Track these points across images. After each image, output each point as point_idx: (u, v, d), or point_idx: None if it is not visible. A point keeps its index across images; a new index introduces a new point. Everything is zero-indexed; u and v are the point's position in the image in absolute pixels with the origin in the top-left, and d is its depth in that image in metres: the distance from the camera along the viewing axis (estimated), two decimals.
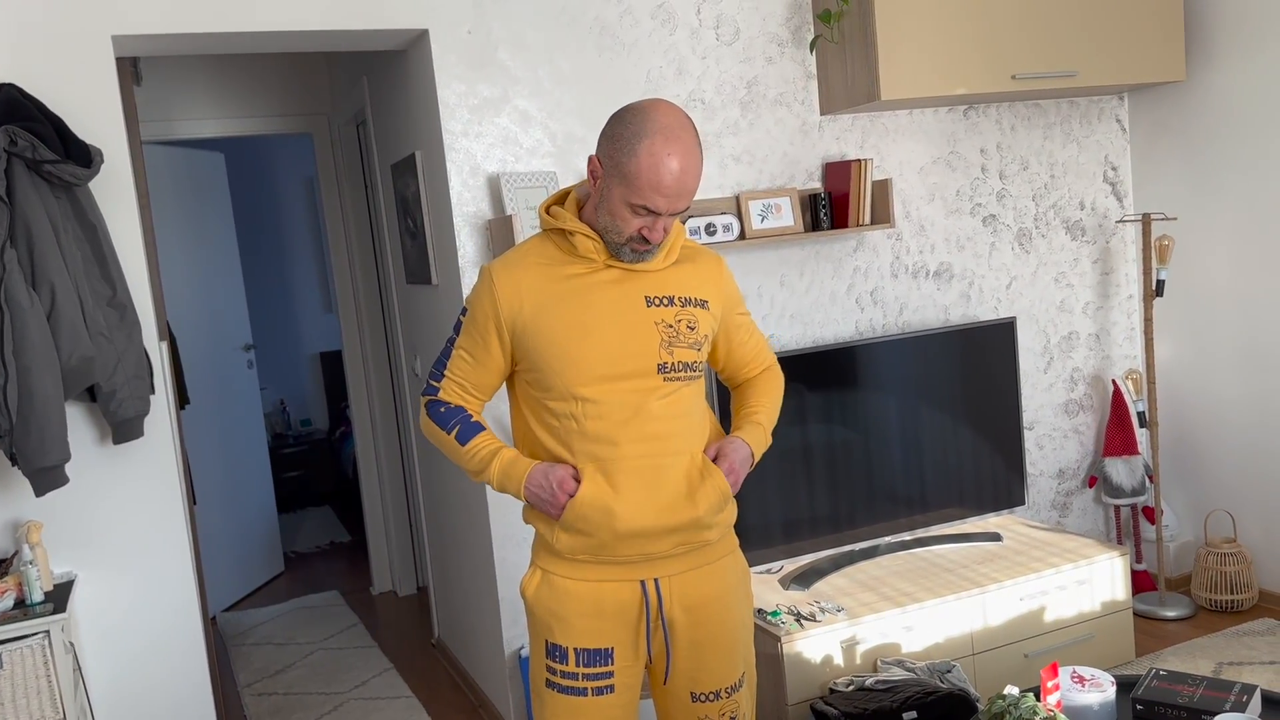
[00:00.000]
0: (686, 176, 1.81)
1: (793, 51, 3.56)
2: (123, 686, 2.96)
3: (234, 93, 4.73)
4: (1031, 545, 3.56)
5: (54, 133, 2.57)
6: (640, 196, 1.81)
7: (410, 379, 4.20)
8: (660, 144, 1.79)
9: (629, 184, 1.81)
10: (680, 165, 1.80)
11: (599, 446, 1.90)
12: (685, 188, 1.82)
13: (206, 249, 5.13)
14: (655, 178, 1.79)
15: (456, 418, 2.01)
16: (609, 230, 1.88)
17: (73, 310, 2.57)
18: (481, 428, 2.01)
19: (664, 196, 1.80)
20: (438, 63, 3.13)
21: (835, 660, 3.07)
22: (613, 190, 1.84)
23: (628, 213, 1.84)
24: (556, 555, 1.98)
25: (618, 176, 1.82)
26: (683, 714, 2.06)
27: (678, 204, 1.83)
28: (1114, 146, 4.14)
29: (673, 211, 1.84)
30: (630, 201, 1.82)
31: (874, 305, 3.75)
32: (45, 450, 2.54)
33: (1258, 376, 3.85)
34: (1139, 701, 2.24)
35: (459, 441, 1.99)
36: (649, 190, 1.80)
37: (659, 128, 1.80)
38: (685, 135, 1.81)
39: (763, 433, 2.07)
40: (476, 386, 2.01)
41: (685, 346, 1.93)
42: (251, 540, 5.38)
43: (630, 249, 1.88)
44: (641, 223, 1.85)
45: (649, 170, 1.79)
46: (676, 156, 1.79)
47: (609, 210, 1.86)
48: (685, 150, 1.80)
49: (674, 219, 1.89)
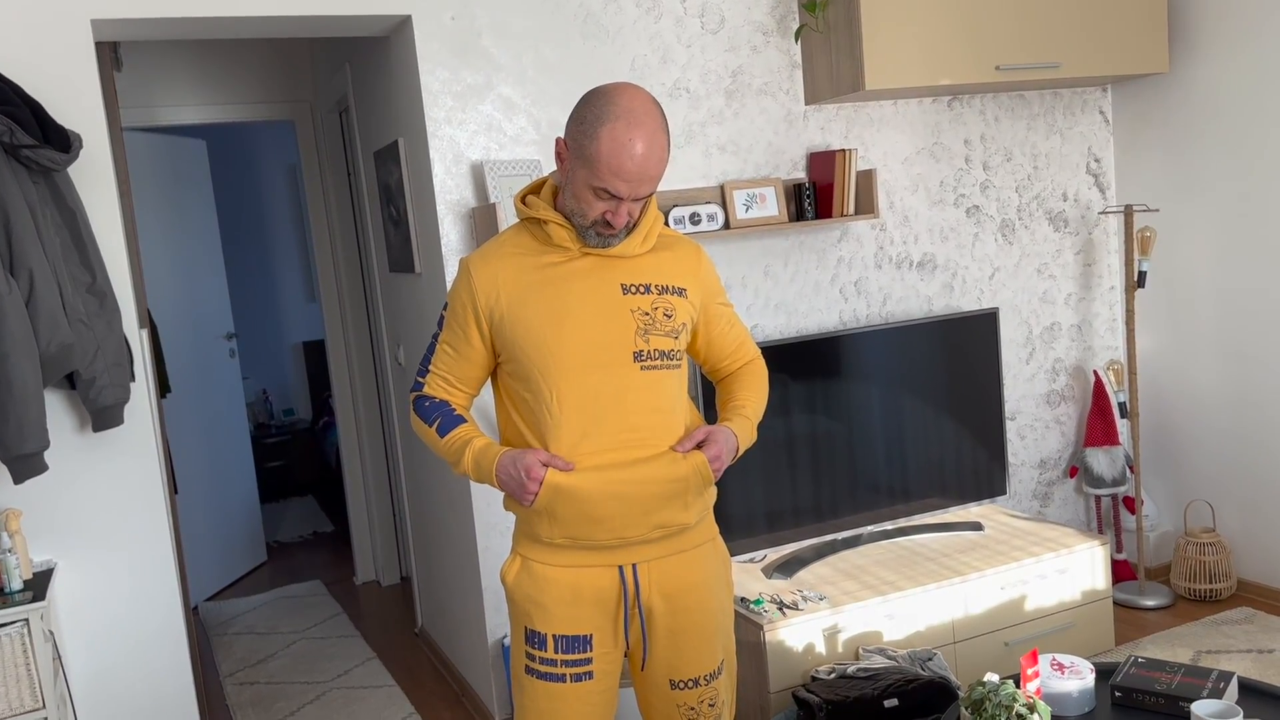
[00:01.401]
0: (648, 162, 1.80)
1: (778, 41, 3.55)
2: (103, 675, 2.94)
3: (216, 79, 4.70)
4: (1013, 535, 3.58)
5: (32, 118, 2.55)
6: (601, 180, 1.80)
7: (393, 368, 4.19)
8: (622, 129, 1.78)
9: (591, 167, 1.81)
10: (642, 150, 1.79)
11: (576, 437, 1.89)
12: (647, 173, 1.81)
13: (188, 237, 5.09)
14: (616, 162, 1.78)
15: (439, 411, 2.01)
16: (574, 213, 1.88)
17: (51, 297, 2.55)
18: (462, 420, 2.00)
19: (625, 181, 1.80)
20: (421, 49, 3.11)
21: (817, 648, 3.08)
22: (577, 173, 1.84)
23: (591, 196, 1.84)
24: (536, 542, 1.98)
25: (581, 160, 1.82)
26: (662, 701, 2.06)
27: (640, 189, 1.82)
28: (1097, 138, 4.16)
29: (635, 196, 1.83)
30: (593, 185, 1.82)
31: (858, 295, 3.76)
32: (24, 437, 2.52)
33: (1238, 368, 3.88)
34: (1117, 689, 2.25)
35: (439, 435, 2.00)
36: (609, 174, 1.79)
37: (622, 111, 1.79)
38: (649, 120, 1.80)
39: (749, 426, 2.05)
40: (461, 379, 2.02)
41: (662, 334, 1.92)
42: (234, 530, 5.36)
43: (595, 232, 1.88)
44: (605, 206, 1.84)
45: (610, 155, 1.78)
46: (639, 141, 1.78)
47: (574, 193, 1.86)
48: (648, 135, 1.79)
49: (639, 204, 1.88)
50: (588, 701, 1.99)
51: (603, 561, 1.95)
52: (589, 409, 1.88)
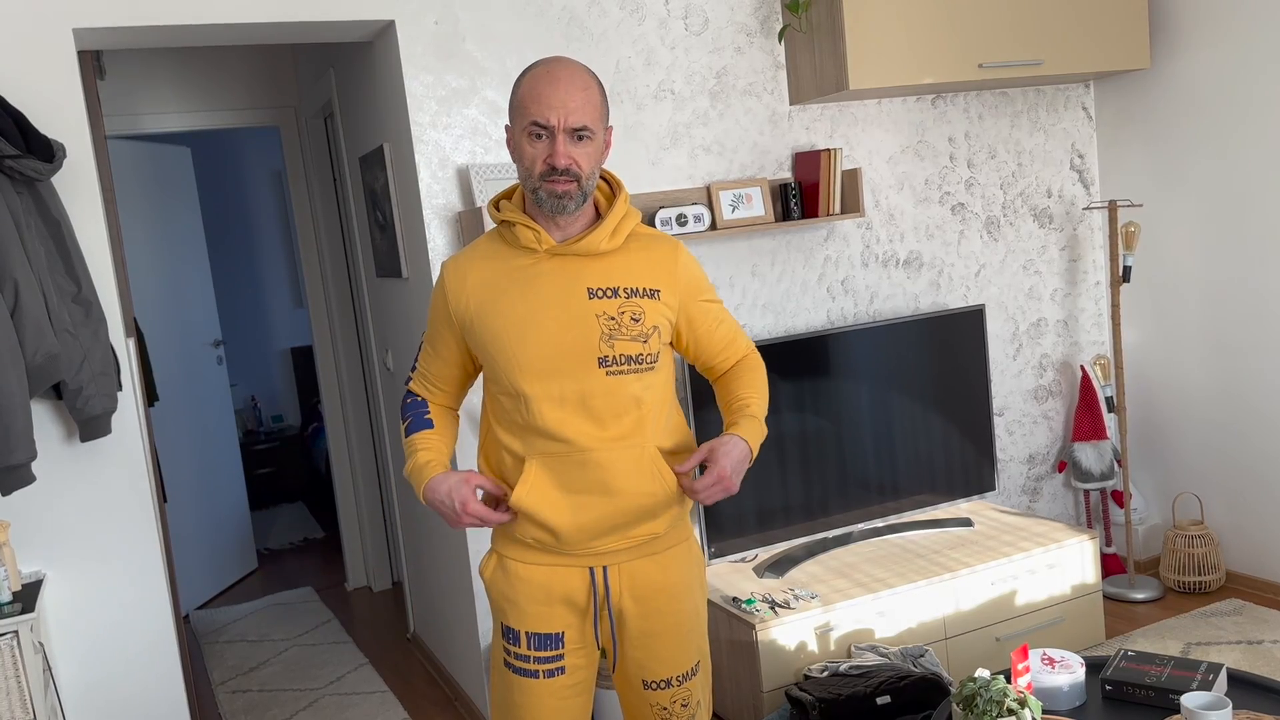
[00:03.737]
0: (571, 87, 1.81)
1: (761, 41, 3.56)
2: (94, 687, 2.93)
3: (199, 86, 4.68)
4: (1002, 530, 3.60)
5: (14, 127, 2.54)
6: (528, 114, 1.82)
7: (382, 373, 4.18)
8: (540, 67, 1.85)
9: (519, 112, 1.85)
10: (563, 77, 1.82)
11: (545, 441, 1.90)
12: (571, 95, 1.81)
13: (173, 244, 5.08)
14: (535, 89, 1.82)
15: (413, 412, 2.06)
16: (525, 181, 1.88)
17: (37, 307, 2.54)
18: (429, 424, 2.04)
19: (549, 106, 1.80)
20: (404, 54, 3.11)
21: (810, 647, 3.09)
22: (515, 134, 1.88)
23: (527, 146, 1.84)
24: (512, 539, 2.00)
25: (514, 117, 1.87)
26: (637, 700, 2.09)
27: (570, 114, 1.81)
28: (1080, 134, 4.18)
29: (567, 125, 1.81)
30: (525, 129, 1.83)
31: (845, 294, 3.77)
32: (11, 448, 2.50)
33: (1223, 361, 3.90)
34: (1108, 682, 2.27)
35: (405, 434, 2.05)
36: (533, 104, 1.81)
37: (541, 62, 1.86)
38: (570, 62, 1.85)
39: (758, 424, 2.01)
40: (439, 379, 2.06)
41: (628, 339, 1.89)
42: (224, 537, 5.34)
43: (545, 192, 1.85)
44: (543, 149, 1.83)
45: (529, 87, 1.83)
46: (557, 69, 1.83)
47: (518, 157, 1.88)
48: (567, 67, 1.84)
49: (583, 150, 1.84)
50: (559, 697, 2.01)
51: (574, 563, 1.97)
52: (555, 413, 1.89)
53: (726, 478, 1.87)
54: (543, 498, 1.91)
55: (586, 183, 1.86)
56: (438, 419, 2.06)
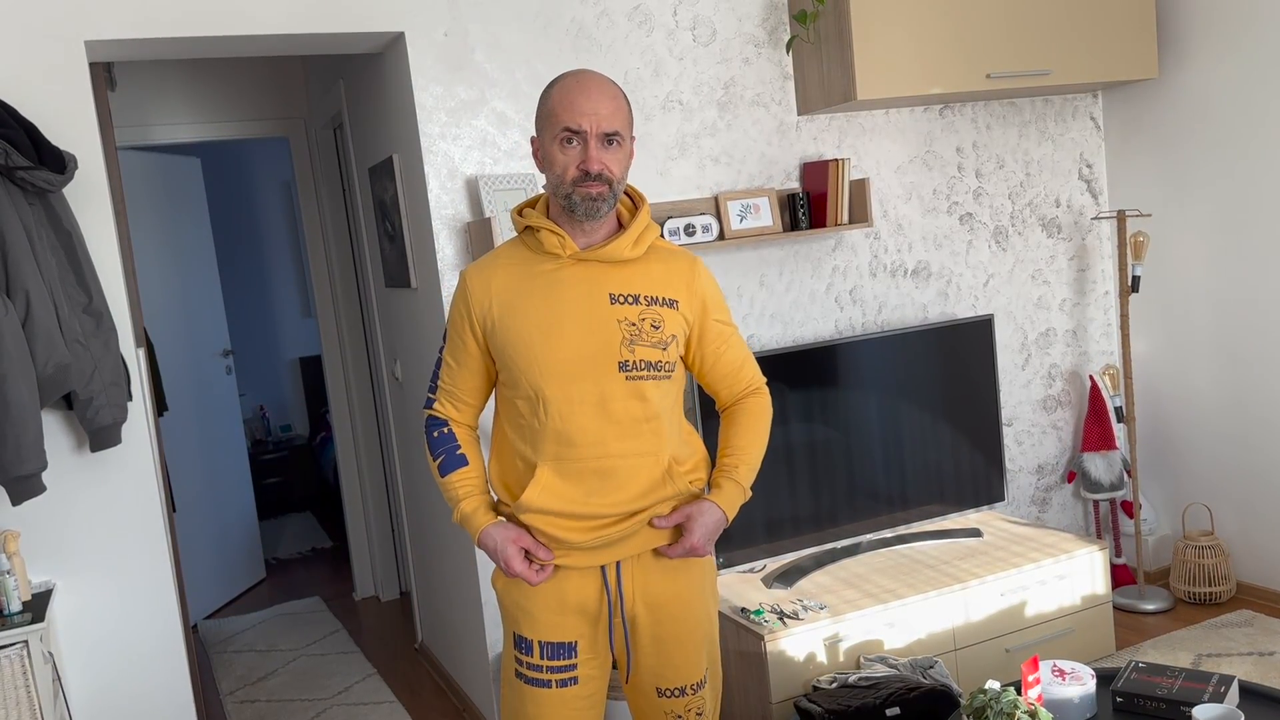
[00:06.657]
0: (601, 95, 1.87)
1: (769, 52, 3.57)
2: (103, 696, 2.93)
3: (209, 97, 4.71)
4: (1012, 541, 3.58)
5: (27, 139, 2.55)
6: (560, 121, 1.87)
7: (390, 383, 4.19)
8: (570, 77, 1.90)
9: (550, 121, 1.89)
10: (590, 82, 1.88)
11: (560, 446, 1.92)
12: (602, 103, 1.87)
13: (183, 254, 5.10)
14: (567, 97, 1.87)
15: (444, 447, 2.06)
16: (556, 190, 1.91)
17: (48, 318, 2.55)
18: (464, 462, 2.05)
19: (581, 113, 1.85)
20: (414, 65, 3.12)
21: (818, 658, 3.08)
22: (544, 143, 1.92)
23: (559, 153, 1.88)
24: None
25: (543, 127, 1.92)
26: (651, 709, 2.09)
27: (601, 120, 1.86)
28: (1088, 144, 4.17)
29: (599, 130, 1.86)
30: (557, 136, 1.88)
31: (853, 304, 3.77)
32: (22, 458, 2.51)
33: (1233, 371, 3.89)
34: (1119, 694, 2.26)
35: (440, 473, 2.05)
36: (565, 111, 1.86)
37: (569, 74, 1.92)
38: (596, 74, 1.91)
39: (739, 490, 2.05)
40: (465, 391, 2.06)
41: (648, 345, 1.93)
42: (232, 547, 5.34)
43: (579, 196, 1.89)
44: (576, 156, 1.87)
45: (559, 96, 1.88)
46: (583, 77, 1.89)
47: (549, 165, 1.92)
48: (596, 77, 1.90)
49: (613, 156, 1.89)
50: (572, 707, 2.02)
51: (585, 562, 1.98)
52: (574, 417, 1.91)
53: (699, 549, 1.98)
54: (553, 493, 1.93)
55: (617, 186, 1.91)
56: (469, 452, 2.06)
